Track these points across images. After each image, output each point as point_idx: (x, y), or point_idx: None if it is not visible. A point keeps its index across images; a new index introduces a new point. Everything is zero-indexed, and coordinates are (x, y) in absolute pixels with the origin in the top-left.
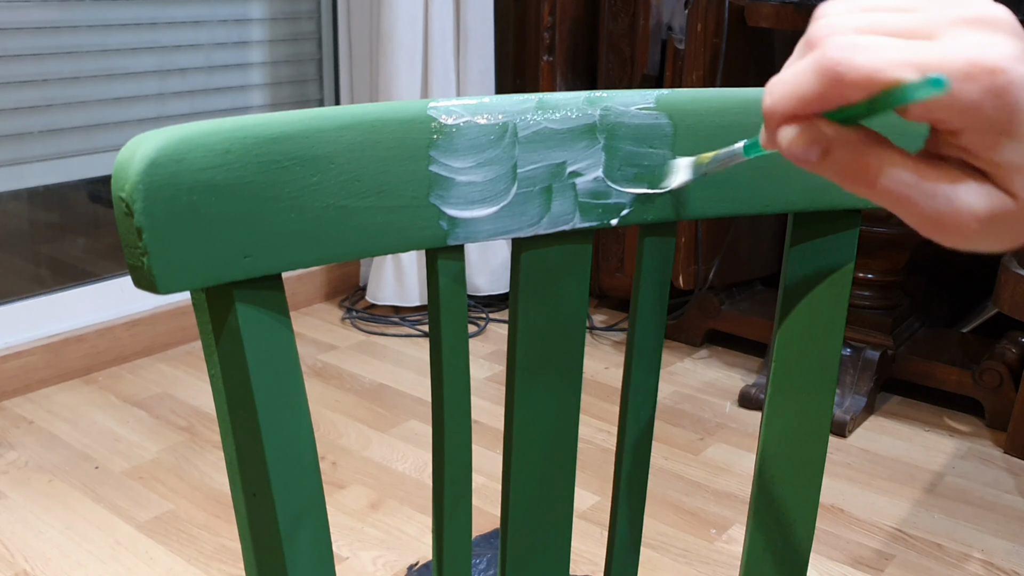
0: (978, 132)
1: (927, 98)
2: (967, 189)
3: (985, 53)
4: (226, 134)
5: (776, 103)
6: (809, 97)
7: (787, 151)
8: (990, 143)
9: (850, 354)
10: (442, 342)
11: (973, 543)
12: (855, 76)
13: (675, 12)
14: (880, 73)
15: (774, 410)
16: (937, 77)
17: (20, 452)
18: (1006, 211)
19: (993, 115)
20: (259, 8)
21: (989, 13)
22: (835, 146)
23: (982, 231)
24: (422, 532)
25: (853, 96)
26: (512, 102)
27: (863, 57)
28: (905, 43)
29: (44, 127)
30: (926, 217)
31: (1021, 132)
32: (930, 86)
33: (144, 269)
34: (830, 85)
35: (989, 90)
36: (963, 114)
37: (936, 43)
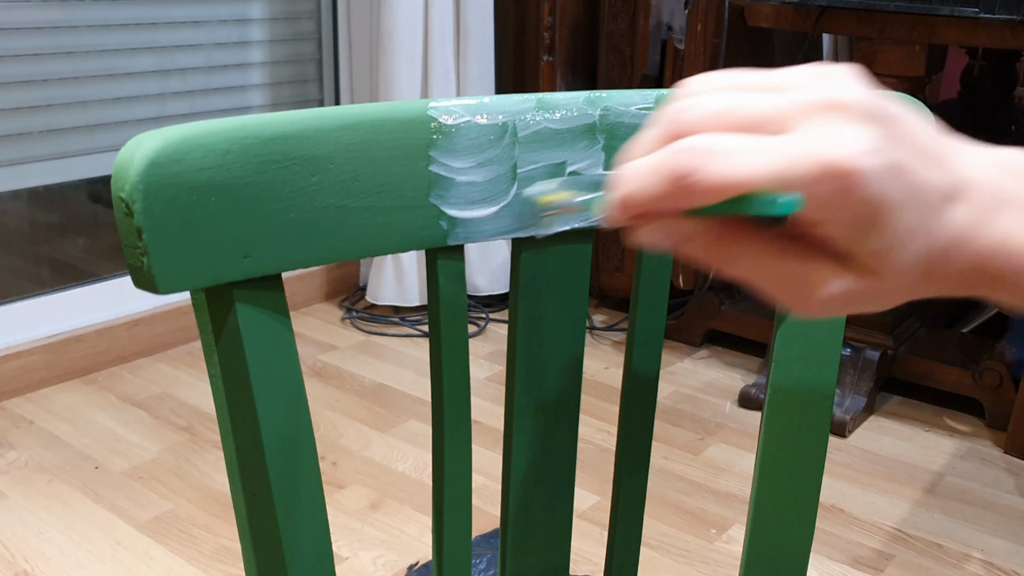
0: (837, 224)
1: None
2: (824, 273)
3: (836, 152)
4: (226, 134)
5: (629, 198)
6: (661, 199)
7: (642, 241)
8: (850, 234)
9: (850, 354)
10: (442, 342)
11: (973, 543)
12: (706, 187)
13: (675, 12)
14: (730, 185)
15: (774, 410)
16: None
17: (20, 452)
18: (864, 290)
19: (850, 211)
20: (259, 8)
21: (846, 98)
22: (690, 238)
23: (840, 308)
24: (422, 532)
25: (704, 202)
26: (512, 102)
27: (713, 168)
28: (758, 145)
29: (44, 127)
30: (785, 298)
31: (880, 221)
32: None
33: (144, 269)
34: (681, 192)
35: (840, 190)
36: (820, 211)
37: (789, 141)
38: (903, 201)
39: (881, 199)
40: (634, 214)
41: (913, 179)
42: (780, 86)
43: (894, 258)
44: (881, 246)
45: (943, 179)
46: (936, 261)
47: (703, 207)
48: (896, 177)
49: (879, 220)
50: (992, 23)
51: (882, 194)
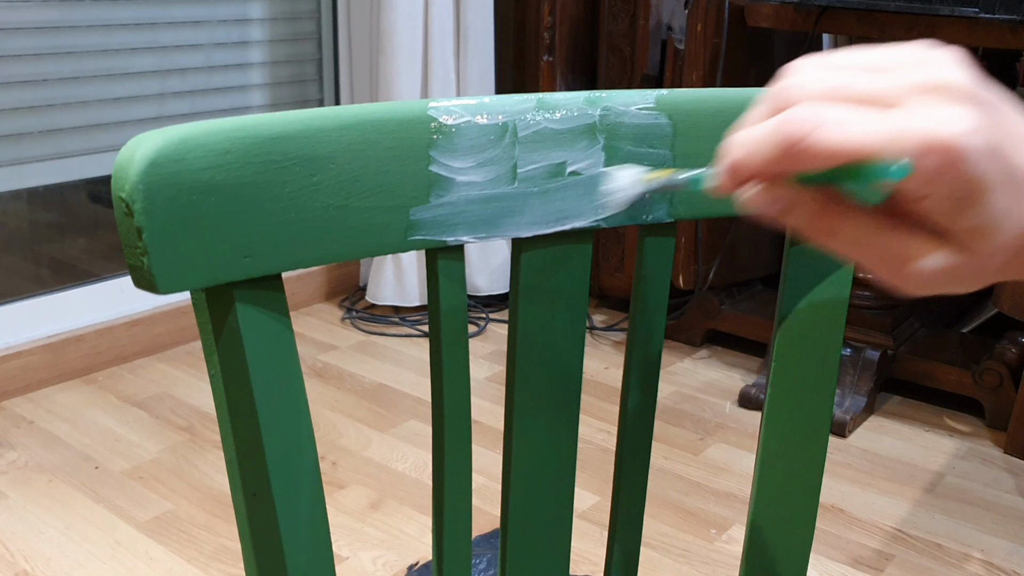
0: (938, 200)
1: (887, 180)
2: (922, 248)
3: (942, 128)
4: (226, 134)
5: (739, 163)
6: (771, 163)
7: (749, 206)
8: (949, 210)
9: (850, 354)
10: (442, 342)
11: (973, 543)
12: (816, 151)
13: (675, 12)
14: (841, 151)
15: (774, 410)
16: (900, 164)
17: (20, 452)
18: (961, 266)
19: (951, 187)
20: (259, 8)
21: (950, 80)
22: (795, 205)
23: (936, 284)
24: (422, 532)
25: (815, 166)
26: (512, 102)
27: (825, 133)
28: (867, 116)
29: (44, 127)
30: (884, 271)
31: (978, 200)
32: (893, 171)
33: (144, 269)
34: (792, 157)
35: (945, 164)
36: (923, 185)
37: (897, 115)
38: (1000, 182)
39: (981, 178)
40: (743, 180)
41: (1009, 162)
42: (885, 67)
43: (989, 237)
44: (978, 223)
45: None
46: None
47: (812, 176)
48: (994, 158)
49: (977, 198)
50: (992, 23)
51: (982, 173)
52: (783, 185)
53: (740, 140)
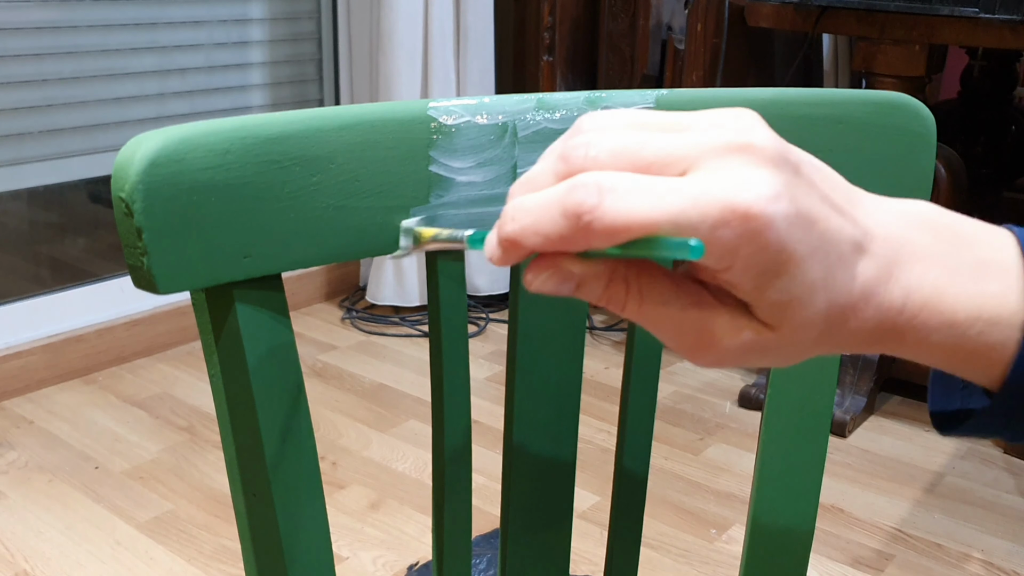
0: (739, 272)
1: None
2: (725, 324)
3: (740, 196)
4: (226, 134)
5: (519, 236)
6: (555, 238)
7: (535, 289)
8: (752, 282)
9: (850, 354)
10: (442, 342)
11: (973, 543)
12: (602, 227)
13: (675, 12)
14: (628, 226)
15: (774, 410)
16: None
17: (20, 452)
18: (762, 341)
19: (753, 258)
20: (259, 8)
21: (752, 140)
22: (585, 281)
23: (741, 360)
24: (422, 532)
25: (601, 244)
26: (512, 102)
27: (612, 205)
28: (657, 185)
29: (44, 127)
30: (675, 343)
31: (784, 271)
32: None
33: (144, 269)
34: (576, 231)
35: (743, 236)
36: (722, 257)
37: (693, 181)
38: (810, 252)
39: (787, 247)
40: (524, 253)
41: (822, 229)
42: (683, 126)
43: (796, 312)
44: (783, 298)
45: (851, 231)
46: (839, 317)
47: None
48: (803, 226)
49: (784, 269)
50: (992, 23)
51: (788, 242)
52: (569, 261)
53: (521, 209)
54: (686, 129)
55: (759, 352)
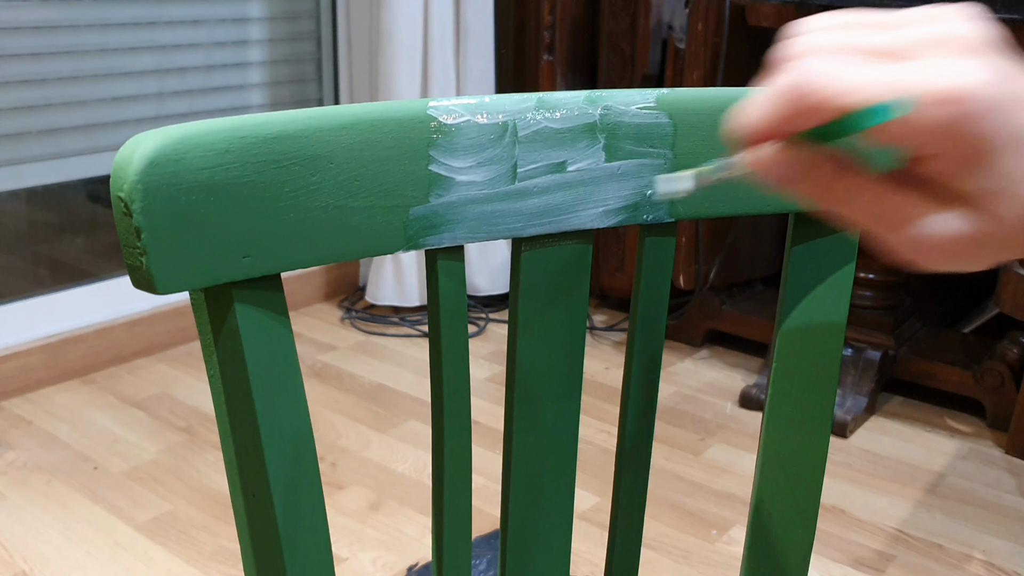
0: (951, 158)
1: (890, 119)
2: (938, 215)
3: (955, 80)
4: (225, 134)
5: (747, 124)
6: (779, 119)
7: (766, 171)
8: (963, 169)
9: (851, 354)
10: (442, 342)
11: (974, 544)
12: (821, 98)
13: (675, 11)
14: (846, 96)
15: (775, 410)
16: (900, 100)
17: (19, 453)
18: (979, 234)
19: (964, 142)
20: (258, 7)
21: (965, 33)
22: (812, 168)
23: (958, 255)
24: (422, 533)
25: (821, 118)
26: (512, 101)
27: (830, 79)
28: (874, 65)
29: (43, 127)
30: (897, 239)
31: (992, 159)
32: (892, 108)
33: (143, 269)
34: (798, 107)
35: (956, 116)
36: (934, 140)
37: (907, 66)
38: (1011, 143)
39: (992, 134)
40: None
41: (1016, 123)
42: (896, 23)
43: (1000, 201)
44: (988, 186)
45: None
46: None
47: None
48: (1008, 116)
49: (988, 157)
50: None
51: (994, 129)
52: (796, 146)
53: (751, 103)
54: (898, 26)
55: (976, 247)
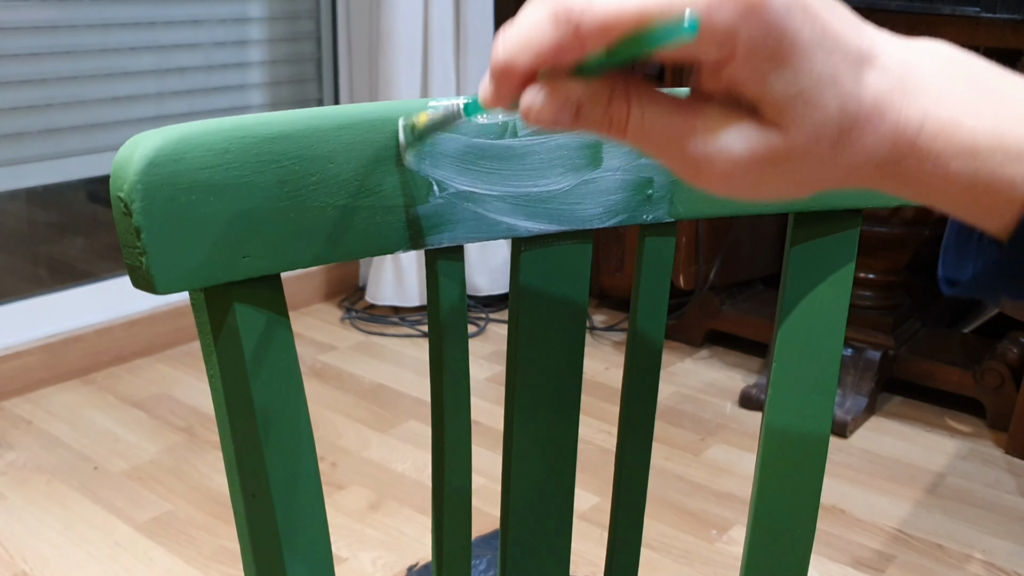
0: (741, 62)
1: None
2: (727, 130)
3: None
4: (225, 133)
5: (511, 57)
6: (547, 49)
7: (534, 118)
8: (754, 73)
9: (851, 354)
10: (442, 342)
11: (974, 544)
12: (594, 21)
13: None
14: (620, 16)
15: (775, 411)
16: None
17: (19, 453)
18: (772, 151)
19: (753, 41)
20: (258, 7)
21: None
22: (585, 103)
23: (746, 176)
24: (422, 533)
25: (595, 44)
26: None
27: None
28: None
29: (43, 127)
30: (683, 162)
31: (788, 58)
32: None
33: (143, 269)
34: (568, 34)
35: (742, 14)
36: (720, 45)
37: None
38: (814, 42)
39: (789, 29)
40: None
41: (825, 23)
42: None
43: (807, 108)
44: (790, 89)
45: (858, 39)
46: (852, 128)
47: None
48: (805, 13)
49: (787, 56)
50: (993, 22)
51: (791, 24)
52: (567, 82)
53: (507, 33)
54: None
55: (772, 166)
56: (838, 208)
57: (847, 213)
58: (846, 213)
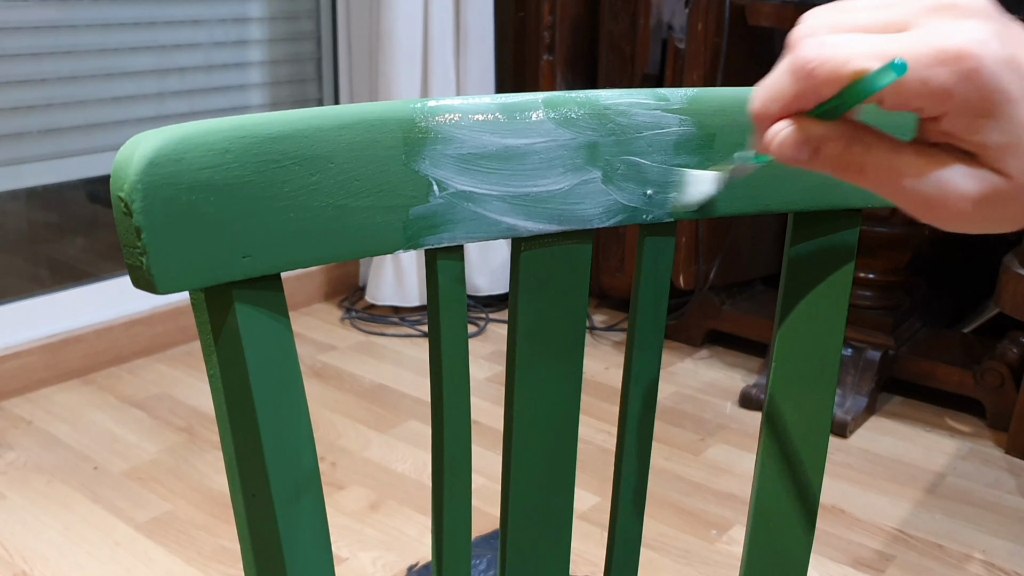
0: (957, 116)
1: (889, 83)
2: (955, 172)
3: (952, 39)
4: (225, 133)
5: (759, 107)
6: (787, 97)
7: (778, 153)
8: (970, 126)
9: (851, 354)
10: (442, 342)
11: (974, 544)
12: (823, 71)
13: (675, 11)
14: (845, 66)
15: (775, 410)
16: (896, 62)
17: (19, 453)
18: (997, 191)
19: (967, 98)
20: (258, 7)
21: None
22: (823, 143)
23: (975, 212)
24: (422, 533)
25: (826, 92)
26: (512, 101)
27: (829, 52)
28: (873, 37)
29: (43, 127)
30: (918, 202)
31: (1000, 112)
32: (890, 71)
33: (143, 269)
34: (803, 83)
35: (958, 74)
36: (938, 100)
37: (905, 34)
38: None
39: (999, 86)
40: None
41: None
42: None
43: (1014, 155)
44: (1006, 139)
45: None
46: None
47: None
48: (1013, 69)
49: (1000, 109)
50: None
51: (1000, 82)
52: (808, 123)
53: (760, 88)
54: (899, 3)
55: (995, 206)
56: (838, 208)
57: (847, 213)
58: (846, 213)
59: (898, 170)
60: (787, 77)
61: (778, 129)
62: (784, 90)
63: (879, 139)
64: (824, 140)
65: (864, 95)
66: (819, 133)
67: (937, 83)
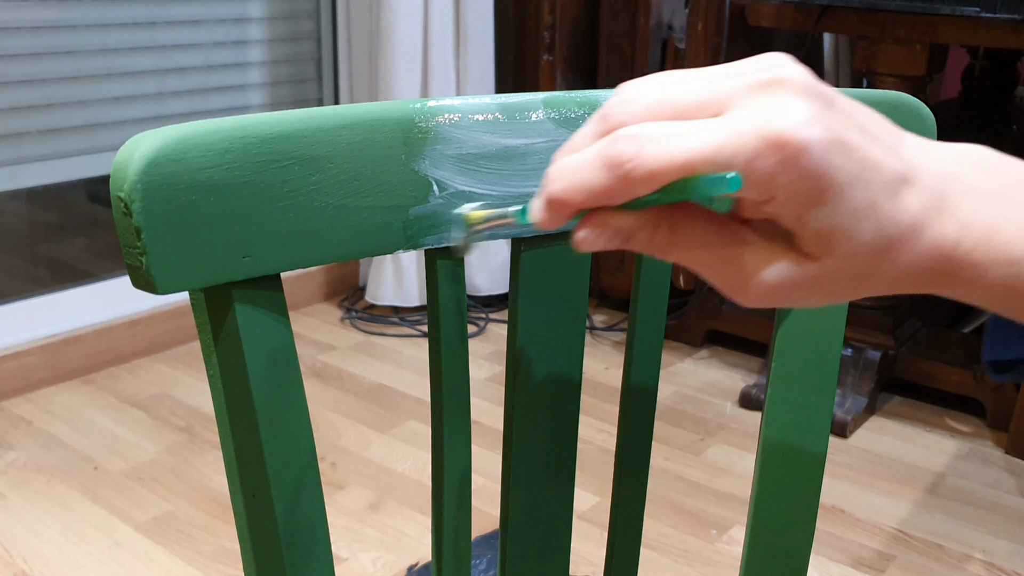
0: (783, 202)
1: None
2: (764, 257)
3: (773, 125)
4: (225, 133)
5: (564, 194)
6: (596, 191)
7: (582, 247)
8: (796, 211)
9: (851, 354)
10: (442, 342)
11: (974, 544)
12: (642, 173)
13: (675, 11)
14: (668, 168)
15: (775, 411)
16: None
17: (19, 453)
18: (806, 278)
19: (792, 186)
20: (258, 7)
21: (781, 75)
22: (633, 232)
23: (781, 294)
24: (422, 533)
25: (642, 191)
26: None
27: (649, 151)
28: (692, 128)
29: (43, 127)
30: (724, 284)
31: (827, 198)
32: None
33: (143, 269)
34: (618, 181)
35: (781, 163)
36: (762, 189)
37: (724, 121)
38: (852, 178)
39: (827, 172)
40: (570, 212)
41: (862, 157)
42: (717, 75)
43: (842, 240)
44: (828, 224)
45: (895, 163)
46: (888, 250)
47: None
48: (843, 152)
49: (824, 196)
50: (993, 22)
51: (828, 167)
52: (616, 217)
53: (562, 169)
54: (719, 77)
55: (805, 288)
56: None
57: None
58: None
59: (705, 255)
60: (599, 170)
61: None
62: (593, 183)
63: (688, 221)
64: (635, 230)
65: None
66: (628, 225)
67: (761, 173)
